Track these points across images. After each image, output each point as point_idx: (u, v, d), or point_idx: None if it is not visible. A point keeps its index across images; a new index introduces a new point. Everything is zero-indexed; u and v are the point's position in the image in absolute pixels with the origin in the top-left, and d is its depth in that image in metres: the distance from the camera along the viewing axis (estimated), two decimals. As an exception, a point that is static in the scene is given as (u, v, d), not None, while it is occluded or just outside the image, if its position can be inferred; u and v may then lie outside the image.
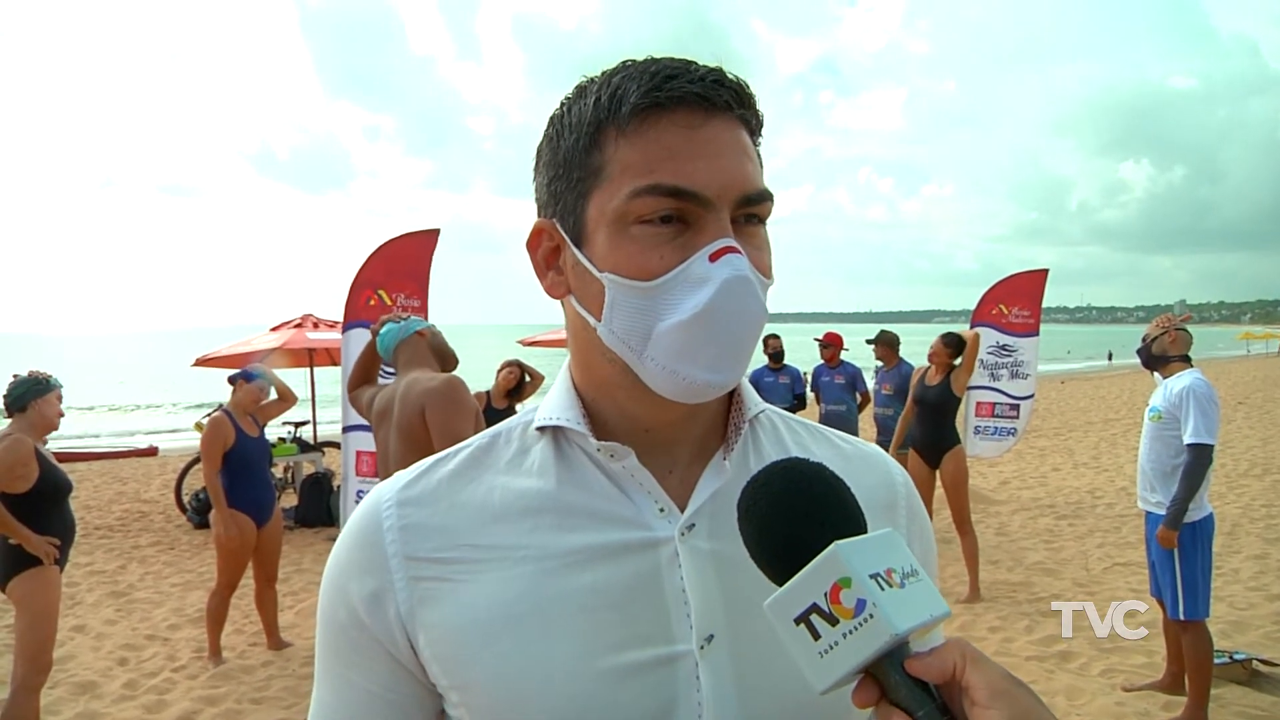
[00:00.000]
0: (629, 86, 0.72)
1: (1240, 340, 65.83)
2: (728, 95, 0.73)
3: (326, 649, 0.81)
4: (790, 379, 8.21)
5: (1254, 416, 17.07)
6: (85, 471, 13.02)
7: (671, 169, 0.71)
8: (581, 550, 0.76)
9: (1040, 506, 9.28)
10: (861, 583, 0.58)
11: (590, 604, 0.74)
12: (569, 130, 0.76)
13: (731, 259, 0.71)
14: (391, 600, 0.76)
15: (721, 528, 0.78)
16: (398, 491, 0.80)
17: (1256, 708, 4.25)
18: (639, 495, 0.78)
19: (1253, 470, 10.93)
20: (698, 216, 0.72)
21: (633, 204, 0.71)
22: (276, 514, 5.47)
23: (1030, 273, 8.39)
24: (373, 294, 6.04)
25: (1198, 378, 4.15)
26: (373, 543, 0.78)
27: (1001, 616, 5.71)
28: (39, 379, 4.07)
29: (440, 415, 3.10)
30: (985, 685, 0.57)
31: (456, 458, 0.83)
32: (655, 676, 0.74)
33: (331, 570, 0.81)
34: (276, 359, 9.85)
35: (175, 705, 4.60)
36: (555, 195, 0.77)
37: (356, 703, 0.79)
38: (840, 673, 0.59)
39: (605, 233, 0.73)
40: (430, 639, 0.75)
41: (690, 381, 0.72)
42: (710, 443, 0.82)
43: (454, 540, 0.77)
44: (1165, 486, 4.16)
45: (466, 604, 0.74)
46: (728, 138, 0.73)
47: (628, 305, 0.73)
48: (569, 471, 0.79)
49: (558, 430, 0.81)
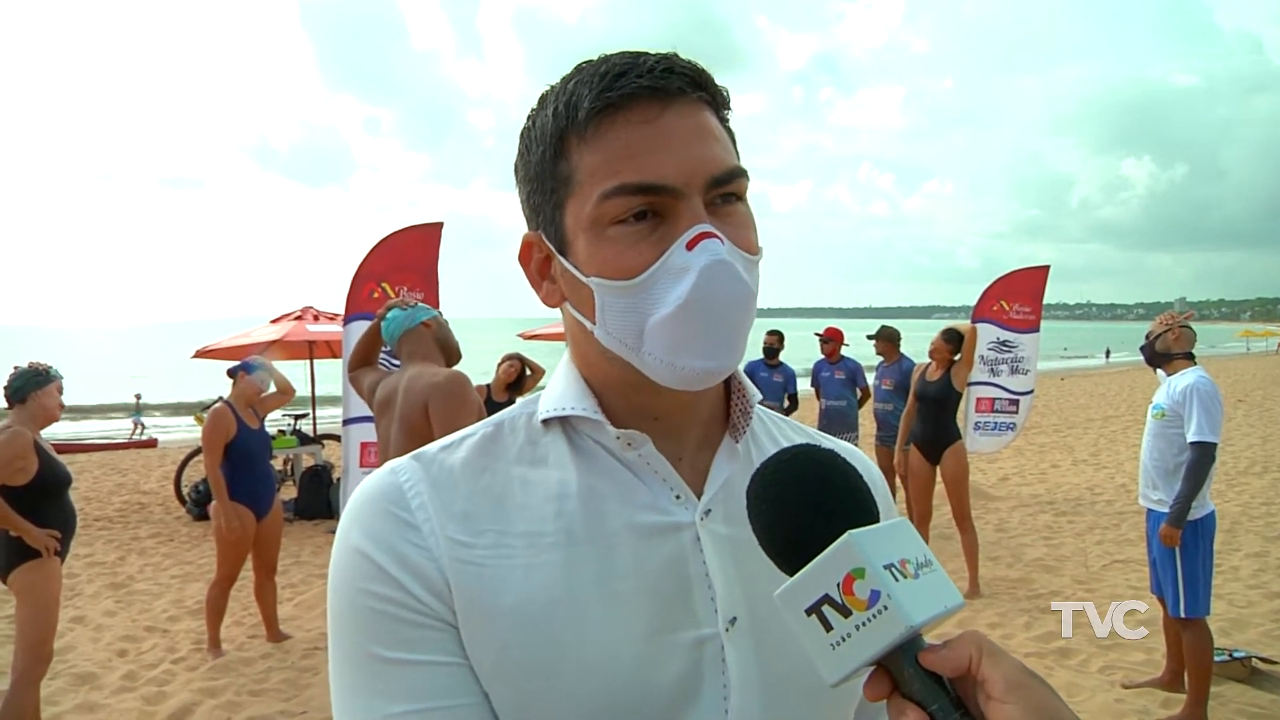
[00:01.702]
0: (581, 92, 0.72)
1: (1240, 338, 65.85)
2: (680, 82, 0.73)
3: (369, 644, 0.71)
4: (785, 378, 8.19)
5: (1254, 414, 17.08)
6: (85, 463, 13.03)
7: (635, 166, 0.71)
8: (611, 535, 0.75)
9: (1040, 503, 9.29)
10: (876, 573, 0.57)
11: (622, 589, 0.74)
12: (535, 144, 0.77)
13: (708, 244, 0.70)
14: (436, 569, 0.71)
15: (735, 513, 0.78)
16: (415, 469, 0.77)
17: (1256, 705, 4.25)
18: (654, 483, 0.78)
19: (1253, 468, 10.93)
20: (670, 208, 0.72)
21: (604, 207, 0.72)
22: (276, 506, 5.46)
23: (1031, 269, 8.37)
24: (375, 286, 6.05)
25: (1201, 375, 4.15)
26: (400, 519, 0.73)
27: (1001, 613, 5.71)
28: (39, 370, 4.05)
29: (443, 411, 3.10)
30: (1002, 678, 0.56)
31: (464, 445, 0.80)
32: (684, 659, 0.74)
33: (355, 558, 0.73)
34: (276, 351, 9.85)
35: (175, 697, 4.60)
36: (535, 208, 0.78)
37: (427, 684, 0.70)
38: (852, 665, 0.58)
39: (584, 239, 0.74)
40: (466, 617, 0.71)
41: (689, 371, 0.73)
42: (714, 430, 0.83)
43: (478, 526, 0.74)
44: (1167, 484, 4.16)
45: (496, 589, 0.72)
46: (688, 124, 0.73)
47: (617, 306, 0.73)
48: (584, 460, 0.79)
49: (565, 421, 0.81)
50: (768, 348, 8.20)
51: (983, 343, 7.61)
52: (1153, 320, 4.56)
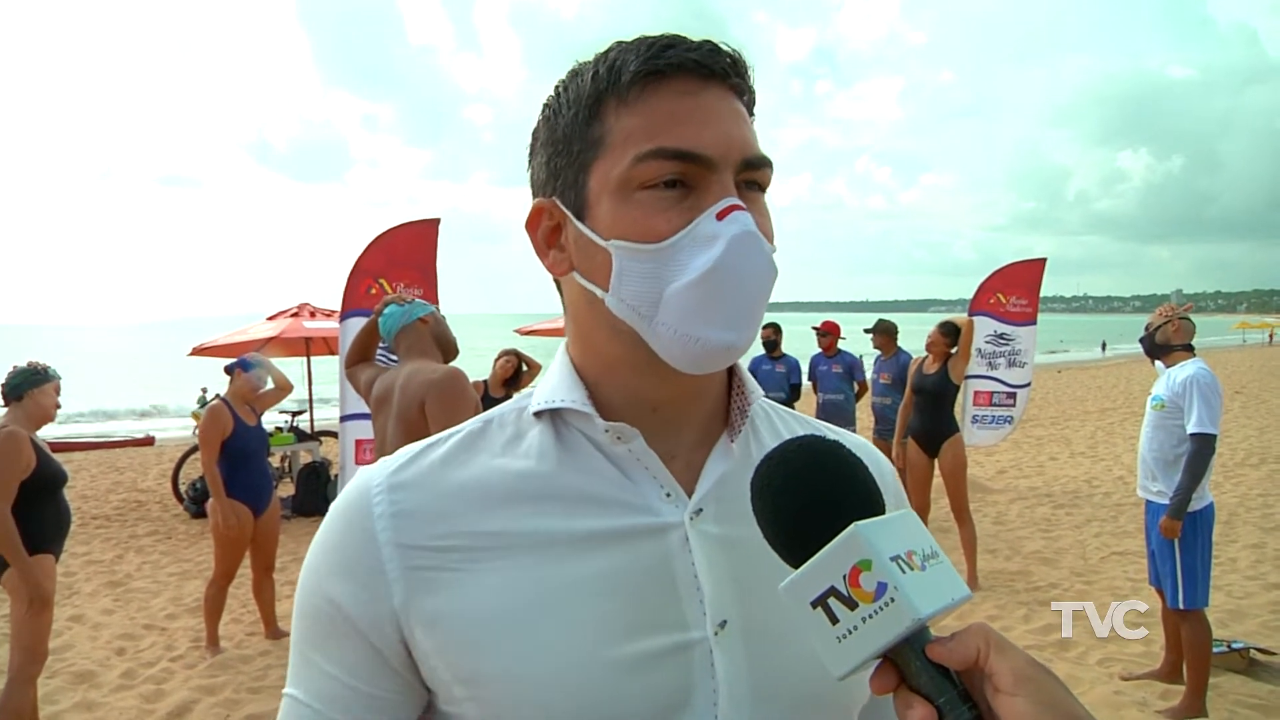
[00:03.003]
0: (627, 58, 0.73)
1: (1236, 330, 65.95)
2: (725, 63, 0.74)
3: (302, 634, 0.77)
4: (787, 368, 8.21)
5: (1251, 406, 17.11)
6: (82, 461, 13.01)
7: (675, 133, 0.71)
8: (590, 536, 0.74)
9: (1038, 495, 9.30)
10: (882, 565, 0.56)
11: (601, 590, 0.72)
12: (567, 107, 0.76)
13: (739, 215, 0.71)
14: (384, 591, 0.72)
15: (729, 512, 0.77)
16: (388, 476, 0.76)
17: (1254, 696, 4.25)
18: (643, 480, 0.77)
19: (1249, 459, 10.96)
20: (702, 179, 0.72)
21: (637, 169, 0.71)
22: (274, 503, 5.45)
23: (1028, 262, 8.35)
24: (373, 282, 6.03)
25: (1201, 367, 4.14)
26: (362, 529, 0.74)
27: (999, 605, 5.72)
28: (37, 369, 4.04)
29: (439, 407, 3.08)
30: (1010, 671, 0.56)
31: (448, 443, 0.80)
32: (671, 664, 0.72)
33: (316, 558, 0.76)
34: (273, 348, 9.83)
35: (173, 695, 4.59)
36: (555, 172, 0.77)
37: (334, 695, 0.74)
38: (859, 659, 0.57)
39: (609, 201, 0.73)
40: (431, 631, 0.71)
41: (704, 343, 0.71)
42: (714, 428, 0.81)
43: (451, 528, 0.73)
44: (1166, 475, 4.16)
45: (471, 593, 0.71)
46: (726, 105, 0.74)
47: (636, 270, 0.72)
48: (569, 456, 0.77)
49: (556, 414, 0.79)
50: (767, 340, 8.21)
51: (980, 336, 7.61)
52: (1150, 312, 4.56)
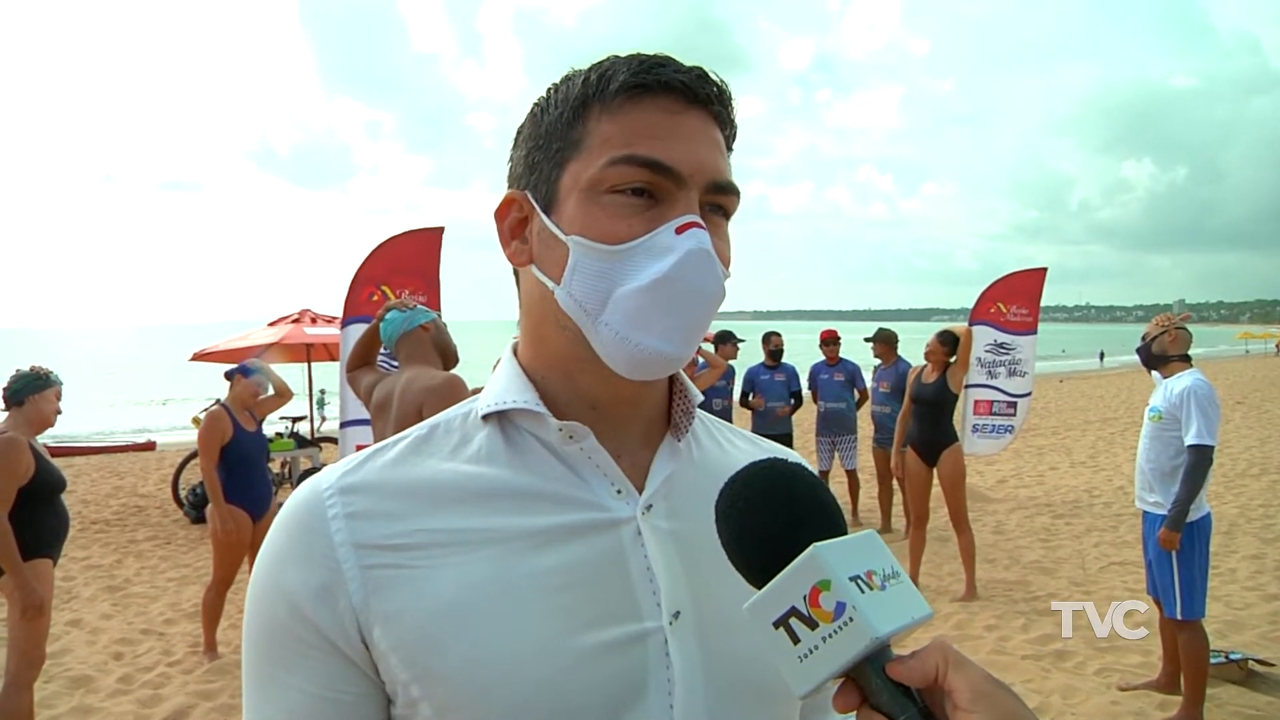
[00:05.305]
0: (618, 69, 0.75)
1: (1239, 340, 65.89)
2: (710, 90, 0.77)
3: (259, 653, 0.75)
4: (787, 376, 8.24)
5: (1252, 416, 17.09)
6: (82, 466, 13.01)
7: (650, 144, 0.73)
8: (544, 531, 0.75)
9: (1037, 505, 9.29)
10: (841, 585, 0.57)
11: (558, 584, 0.74)
12: (554, 107, 0.78)
13: (697, 233, 0.73)
14: (342, 591, 0.72)
15: (678, 509, 0.80)
16: (338, 479, 0.77)
17: (1252, 707, 4.25)
18: (594, 477, 0.79)
19: (1250, 470, 10.94)
20: (668, 192, 0.74)
21: (608, 172, 0.73)
22: (274, 509, 5.45)
23: (1029, 271, 8.35)
24: (375, 289, 6.05)
25: (1198, 378, 4.14)
26: (316, 530, 0.74)
27: (998, 615, 5.71)
28: (39, 374, 4.04)
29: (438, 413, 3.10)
30: (968, 688, 0.57)
31: (395, 447, 0.81)
32: (628, 653, 0.74)
33: (267, 564, 0.76)
34: (274, 354, 9.85)
35: (170, 700, 4.59)
36: (532, 165, 0.79)
37: (298, 708, 0.73)
38: (820, 677, 0.58)
39: (577, 199, 0.75)
40: (389, 629, 0.71)
41: (641, 349, 0.73)
42: (655, 429, 0.84)
43: (405, 526, 0.74)
44: (1164, 486, 4.16)
45: (428, 590, 0.72)
46: (705, 129, 0.76)
47: (590, 268, 0.74)
48: (518, 456, 0.79)
49: (502, 416, 0.81)
50: (773, 349, 8.23)
51: (980, 345, 7.61)
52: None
